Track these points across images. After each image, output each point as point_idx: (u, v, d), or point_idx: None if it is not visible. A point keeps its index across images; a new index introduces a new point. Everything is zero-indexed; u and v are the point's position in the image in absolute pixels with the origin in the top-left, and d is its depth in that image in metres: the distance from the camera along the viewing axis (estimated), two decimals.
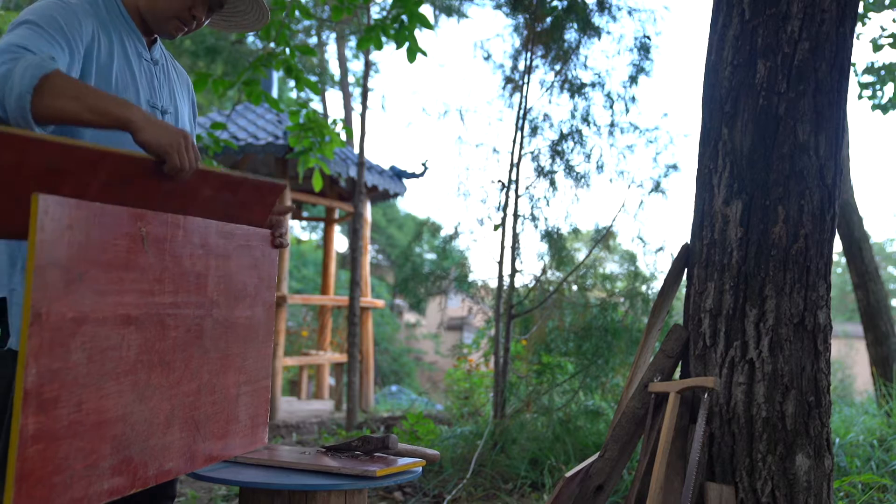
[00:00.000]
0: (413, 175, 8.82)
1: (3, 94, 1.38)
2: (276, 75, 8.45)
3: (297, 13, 4.16)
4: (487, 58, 5.40)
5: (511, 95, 5.28)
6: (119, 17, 1.74)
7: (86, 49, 1.61)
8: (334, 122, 4.83)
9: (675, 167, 5.07)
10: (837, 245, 6.81)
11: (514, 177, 5.12)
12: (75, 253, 1.18)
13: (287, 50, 4.29)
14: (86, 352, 1.22)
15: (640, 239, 5.13)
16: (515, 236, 5.12)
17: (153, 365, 1.39)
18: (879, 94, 6.97)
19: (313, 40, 15.61)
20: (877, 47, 6.82)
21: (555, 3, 5.13)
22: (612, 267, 5.84)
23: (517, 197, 5.12)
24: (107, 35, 1.68)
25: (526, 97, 5.17)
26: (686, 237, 2.59)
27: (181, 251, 1.45)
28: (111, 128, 1.42)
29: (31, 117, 1.38)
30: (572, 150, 5.12)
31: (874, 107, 7.02)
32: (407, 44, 3.92)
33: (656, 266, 5.21)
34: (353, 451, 1.79)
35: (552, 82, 5.22)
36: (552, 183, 5.13)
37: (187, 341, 1.49)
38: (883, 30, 6.82)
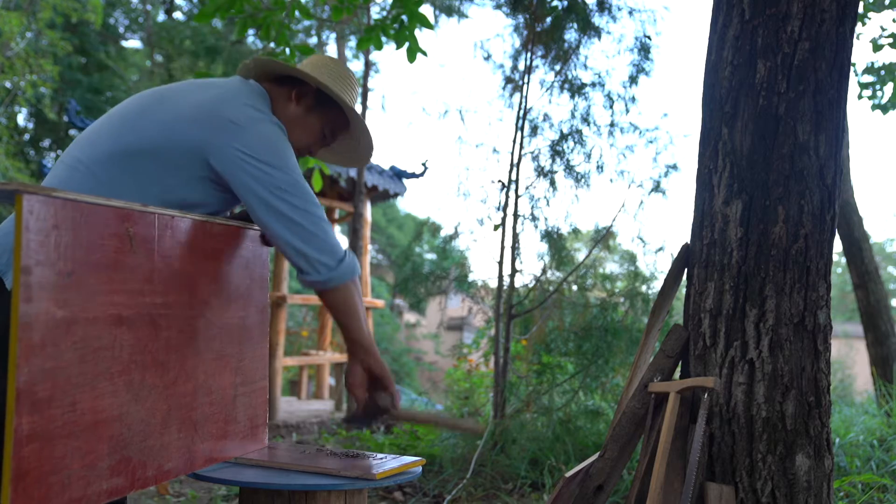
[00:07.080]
0: (413, 175, 8.81)
1: (344, 256, 1.66)
2: None
3: (297, 13, 4.15)
4: (487, 58, 5.39)
5: (511, 95, 5.27)
6: None
7: None
8: None
9: (675, 167, 5.06)
10: (837, 245, 6.80)
11: (514, 177, 5.11)
12: (62, 253, 1.18)
13: (287, 50, 4.28)
14: (78, 351, 1.22)
15: (640, 239, 5.12)
16: (515, 236, 5.11)
17: (147, 365, 1.39)
18: (879, 94, 6.96)
19: (313, 40, 15.59)
20: (877, 47, 6.81)
21: (555, 3, 5.12)
22: (612, 267, 5.84)
23: (517, 197, 5.12)
24: None
25: (526, 97, 5.17)
26: (686, 237, 2.59)
27: (170, 251, 1.45)
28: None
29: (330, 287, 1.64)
30: (572, 150, 5.11)
31: (874, 107, 7.01)
32: (407, 44, 3.91)
33: (656, 266, 5.21)
34: (359, 421, 1.72)
35: (552, 82, 5.21)
36: (552, 183, 5.13)
37: (181, 342, 1.48)
38: (883, 30, 6.81)
